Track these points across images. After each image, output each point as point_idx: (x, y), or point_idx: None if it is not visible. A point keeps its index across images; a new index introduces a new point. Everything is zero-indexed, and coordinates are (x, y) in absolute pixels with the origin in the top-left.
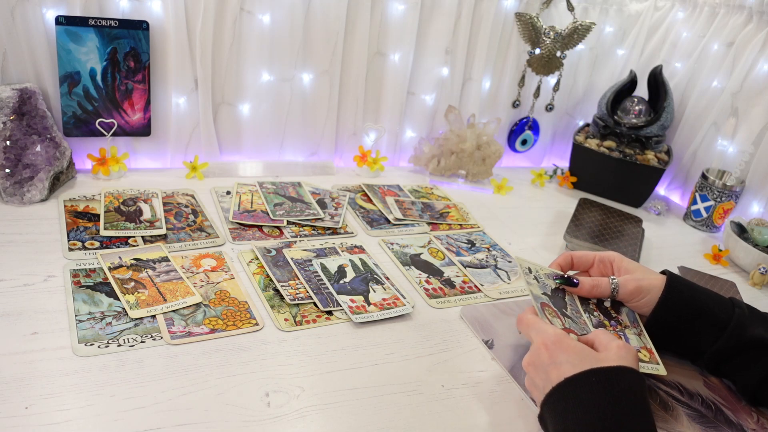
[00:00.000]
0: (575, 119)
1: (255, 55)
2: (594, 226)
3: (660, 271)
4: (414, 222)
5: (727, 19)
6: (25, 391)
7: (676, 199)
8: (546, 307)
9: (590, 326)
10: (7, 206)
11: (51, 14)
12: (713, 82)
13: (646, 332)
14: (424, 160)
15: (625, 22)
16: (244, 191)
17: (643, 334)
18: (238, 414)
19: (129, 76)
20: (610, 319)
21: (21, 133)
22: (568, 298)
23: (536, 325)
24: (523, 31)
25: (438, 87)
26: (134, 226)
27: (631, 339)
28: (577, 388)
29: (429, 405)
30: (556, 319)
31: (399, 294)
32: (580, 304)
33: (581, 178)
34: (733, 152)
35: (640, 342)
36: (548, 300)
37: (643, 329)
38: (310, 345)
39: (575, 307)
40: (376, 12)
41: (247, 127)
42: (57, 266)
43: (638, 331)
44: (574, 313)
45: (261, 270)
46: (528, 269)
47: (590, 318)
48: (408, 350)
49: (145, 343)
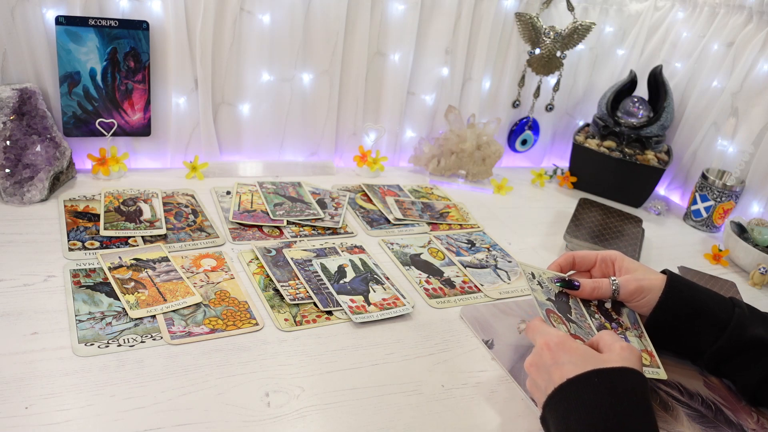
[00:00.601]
0: (575, 119)
1: (255, 55)
2: (594, 226)
3: (660, 271)
4: (414, 222)
5: (727, 19)
6: (25, 391)
7: (676, 199)
8: (551, 313)
9: (594, 330)
10: (7, 206)
11: (51, 14)
12: (713, 82)
13: (647, 334)
14: (424, 160)
15: (625, 22)
16: (244, 191)
17: (644, 336)
18: (238, 414)
19: (129, 76)
20: (611, 321)
21: (21, 133)
22: (572, 302)
23: (540, 328)
24: (523, 31)
25: (438, 87)
26: (134, 226)
27: (632, 341)
28: (579, 388)
29: (429, 405)
30: (561, 326)
31: (399, 294)
32: (583, 307)
33: (581, 178)
34: (733, 152)
35: (641, 344)
36: (553, 306)
37: (644, 331)
38: (310, 345)
39: (579, 310)
40: (376, 12)
41: (247, 127)
42: (57, 266)
43: (639, 333)
44: (578, 317)
45: (261, 270)
46: (531, 275)
47: (592, 321)
48: (408, 350)
49: (145, 343)
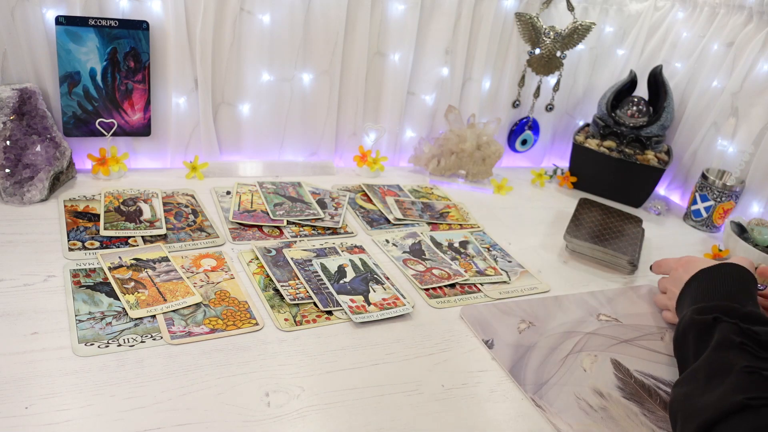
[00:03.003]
0: (575, 119)
1: (255, 55)
2: (594, 226)
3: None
4: (414, 222)
5: (727, 19)
6: (25, 391)
7: (676, 199)
8: (408, 260)
9: (448, 260)
10: (7, 206)
11: (51, 14)
12: (713, 82)
13: (490, 258)
14: (424, 160)
15: (625, 22)
16: (244, 191)
17: (487, 260)
18: (238, 414)
19: (129, 76)
20: (459, 253)
21: (21, 133)
22: (425, 247)
23: (667, 261)
24: (523, 31)
25: (438, 87)
26: (134, 226)
27: (480, 264)
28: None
29: (429, 405)
30: (419, 265)
31: (399, 294)
32: (436, 248)
33: (581, 178)
34: (733, 152)
35: (486, 264)
36: (409, 255)
37: (487, 256)
38: (310, 345)
39: (432, 251)
40: (376, 12)
41: (247, 127)
42: (57, 266)
43: (483, 257)
44: (432, 255)
45: (261, 270)
46: (386, 240)
47: (445, 256)
48: (408, 350)
49: (145, 343)
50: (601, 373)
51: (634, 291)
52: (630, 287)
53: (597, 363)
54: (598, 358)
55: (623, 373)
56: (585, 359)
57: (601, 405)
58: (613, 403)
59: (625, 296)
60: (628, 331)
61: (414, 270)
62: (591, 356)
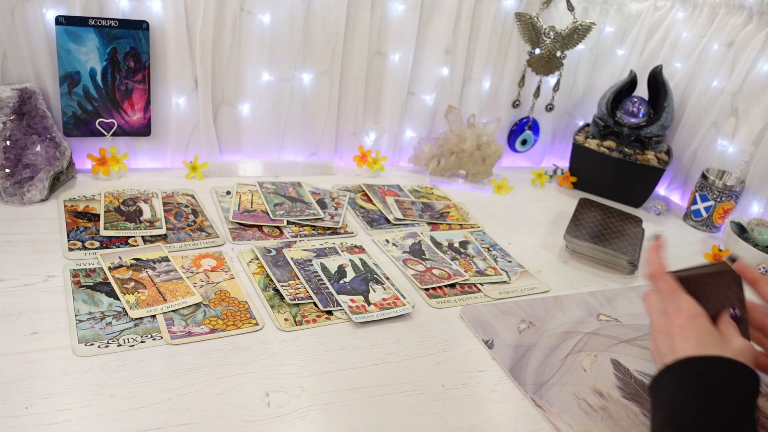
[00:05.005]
0: (575, 119)
1: (255, 55)
2: (594, 226)
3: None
4: (414, 222)
5: (727, 19)
6: (25, 391)
7: (676, 199)
8: (408, 260)
9: (448, 261)
10: (7, 206)
11: (51, 14)
12: (713, 82)
13: (490, 258)
14: (424, 160)
15: (625, 22)
16: (244, 191)
17: (487, 260)
18: (238, 414)
19: (129, 76)
20: (460, 253)
21: (21, 133)
22: (425, 247)
23: (677, 295)
24: (523, 31)
25: (438, 87)
26: (134, 226)
27: (480, 264)
28: (702, 375)
29: (429, 405)
30: (419, 265)
31: (399, 294)
32: (436, 248)
33: (581, 178)
34: (733, 152)
35: (485, 264)
36: (409, 255)
37: (487, 256)
38: (310, 345)
39: (432, 251)
40: (376, 12)
41: (247, 127)
42: (57, 266)
43: (483, 257)
44: (432, 255)
45: (261, 270)
46: (386, 240)
47: (445, 255)
48: (408, 350)
49: (145, 343)
50: (601, 373)
51: (634, 291)
52: (630, 287)
53: (597, 363)
54: (598, 358)
55: (623, 373)
56: (585, 359)
57: (601, 405)
58: (613, 403)
59: (625, 296)
60: (628, 331)
61: (414, 270)
62: (591, 356)
